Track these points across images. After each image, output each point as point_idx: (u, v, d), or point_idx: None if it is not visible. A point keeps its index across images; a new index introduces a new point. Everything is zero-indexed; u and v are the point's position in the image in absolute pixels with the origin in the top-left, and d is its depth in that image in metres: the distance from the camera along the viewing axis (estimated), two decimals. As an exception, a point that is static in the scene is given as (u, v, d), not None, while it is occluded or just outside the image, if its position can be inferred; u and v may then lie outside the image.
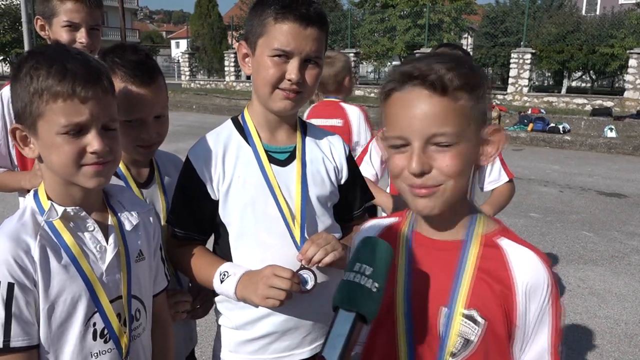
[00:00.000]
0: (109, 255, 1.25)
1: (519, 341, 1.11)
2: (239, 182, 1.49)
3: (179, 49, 51.11)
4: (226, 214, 1.50)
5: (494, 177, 2.73)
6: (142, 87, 1.52)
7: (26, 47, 19.39)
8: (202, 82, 25.78)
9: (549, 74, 31.39)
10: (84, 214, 1.23)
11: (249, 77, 1.49)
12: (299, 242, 1.47)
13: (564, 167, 10.11)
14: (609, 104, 15.74)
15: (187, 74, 26.52)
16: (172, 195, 1.61)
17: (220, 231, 1.56)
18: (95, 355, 1.23)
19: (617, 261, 5.31)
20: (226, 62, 24.14)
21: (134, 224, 1.34)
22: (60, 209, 1.20)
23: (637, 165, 10.50)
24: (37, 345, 1.16)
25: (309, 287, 1.42)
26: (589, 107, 15.79)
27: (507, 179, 2.72)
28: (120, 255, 1.28)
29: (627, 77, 15.93)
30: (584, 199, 7.72)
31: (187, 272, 1.57)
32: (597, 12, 30.76)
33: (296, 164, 1.52)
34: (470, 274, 1.10)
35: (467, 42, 31.76)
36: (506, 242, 1.13)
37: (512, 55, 17.76)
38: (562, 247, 5.68)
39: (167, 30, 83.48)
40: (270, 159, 1.51)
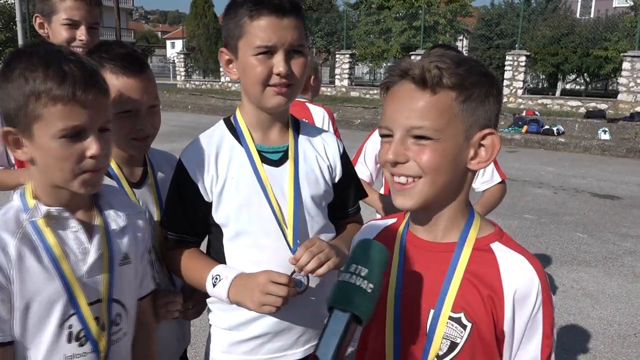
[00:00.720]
0: (91, 257, 1.22)
1: (507, 348, 1.11)
2: (232, 184, 1.48)
3: (175, 49, 50.96)
4: (220, 216, 1.49)
5: (487, 178, 2.73)
6: (132, 78, 1.51)
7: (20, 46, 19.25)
8: (197, 83, 25.73)
9: (544, 77, 31.50)
10: (67, 214, 1.20)
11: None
12: (291, 244, 1.46)
13: (558, 169, 10.16)
14: (603, 106, 15.82)
15: (183, 74, 26.46)
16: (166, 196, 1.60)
17: (214, 232, 1.55)
18: (69, 358, 1.20)
19: (611, 262, 5.34)
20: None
21: (121, 225, 1.30)
22: (43, 209, 1.17)
23: (630, 167, 10.56)
24: (12, 342, 1.14)
25: (302, 288, 1.42)
26: (583, 110, 15.87)
27: (500, 180, 2.73)
28: (103, 257, 1.25)
29: (621, 80, 16.02)
30: (578, 201, 7.76)
31: (180, 274, 1.56)
32: (592, 15, 30.96)
33: (289, 164, 1.51)
34: (459, 277, 1.10)
35: (462, 44, 31.85)
36: (499, 247, 1.13)
37: (507, 57, 17.82)
38: (555, 249, 5.70)
39: (163, 30, 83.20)
40: (263, 159, 1.50)
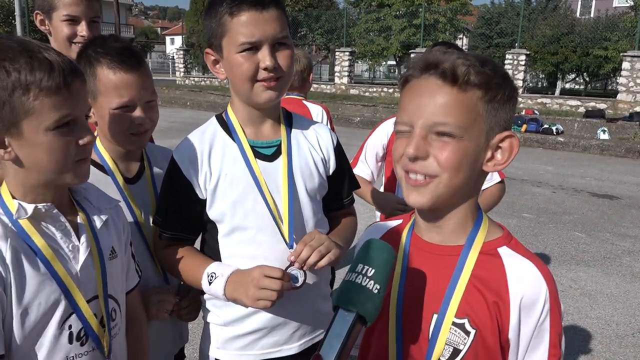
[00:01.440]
0: (82, 254, 1.20)
1: (512, 356, 1.08)
2: (226, 180, 1.47)
3: (174, 45, 50.92)
4: (214, 212, 1.49)
5: (487, 177, 2.71)
6: (129, 72, 1.50)
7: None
8: (196, 79, 25.69)
9: (543, 76, 31.52)
10: (55, 211, 1.16)
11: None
12: (286, 239, 1.46)
13: (557, 168, 10.16)
14: (602, 106, 15.83)
15: (182, 70, 26.41)
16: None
17: (208, 229, 1.54)
18: (71, 358, 1.18)
19: (609, 262, 5.35)
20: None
21: (104, 220, 1.28)
22: (30, 207, 1.12)
23: (629, 167, 10.57)
24: (3, 355, 1.09)
25: (299, 284, 1.41)
26: (582, 109, 15.88)
27: (500, 179, 2.71)
28: (93, 253, 1.23)
29: (620, 80, 16.02)
30: (577, 200, 7.76)
31: (174, 273, 1.55)
32: (592, 15, 30.95)
33: (282, 159, 1.50)
34: (465, 281, 1.08)
35: (462, 42, 31.83)
36: (507, 252, 1.10)
37: (507, 56, 17.82)
38: (554, 248, 5.71)
39: (162, 26, 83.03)
40: (256, 155, 1.49)
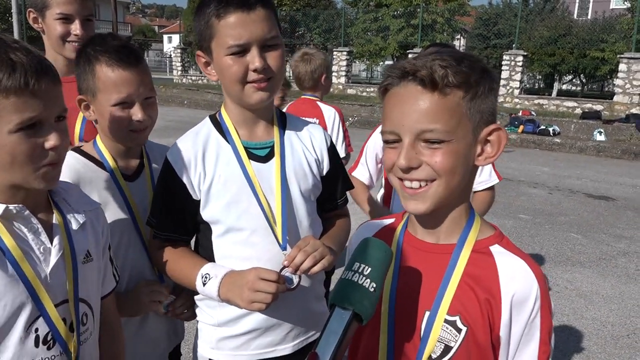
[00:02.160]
0: (54, 256, 1.16)
1: (503, 353, 1.09)
2: (220, 181, 1.47)
3: (172, 43, 50.81)
4: (208, 213, 1.48)
5: (484, 178, 2.65)
6: (128, 69, 1.51)
7: (16, 38, 19.13)
8: (194, 78, 25.64)
9: (540, 77, 31.58)
10: (27, 212, 1.13)
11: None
12: (280, 240, 1.46)
13: (554, 169, 10.19)
14: (599, 107, 15.88)
15: (179, 69, 26.36)
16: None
17: (202, 230, 1.54)
18: None
19: (605, 263, 5.36)
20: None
21: (81, 222, 1.25)
22: (1, 207, 1.10)
23: (625, 168, 10.60)
24: None
25: (293, 285, 1.41)
26: (579, 111, 15.92)
27: (497, 181, 2.68)
28: (65, 256, 1.19)
29: (617, 82, 16.07)
30: (573, 201, 7.78)
31: (169, 274, 1.55)
32: (589, 17, 31.03)
33: (275, 160, 1.50)
34: (457, 279, 1.08)
35: (459, 43, 31.87)
36: (499, 250, 1.11)
37: (504, 57, 17.85)
38: (550, 249, 5.72)
39: (160, 24, 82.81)
40: (250, 156, 1.49)
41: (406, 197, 1.07)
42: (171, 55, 32.96)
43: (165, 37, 64.80)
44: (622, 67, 15.73)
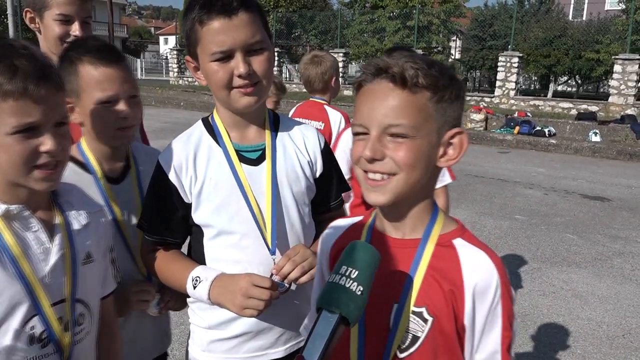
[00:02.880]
0: (54, 256, 1.18)
1: (469, 341, 1.13)
2: (210, 184, 1.47)
3: (168, 45, 50.70)
4: (199, 217, 1.48)
5: (439, 177, 2.64)
6: (111, 67, 1.52)
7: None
8: (190, 79, 25.59)
9: (536, 78, 31.67)
10: (27, 213, 1.16)
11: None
12: (269, 244, 1.46)
13: (549, 170, 10.22)
14: (594, 108, 15.95)
15: (176, 70, 26.34)
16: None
17: (194, 233, 1.54)
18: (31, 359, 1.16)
19: (600, 264, 5.38)
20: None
21: (83, 224, 1.27)
22: (2, 207, 1.13)
23: (620, 169, 10.65)
24: None
25: (284, 289, 1.42)
26: (574, 112, 15.99)
27: (450, 180, 2.61)
28: (65, 256, 1.21)
29: (612, 83, 16.15)
30: (569, 202, 7.81)
31: (161, 277, 1.55)
32: (584, 18, 31.15)
33: (266, 164, 1.50)
34: (422, 272, 1.13)
35: (455, 44, 31.98)
36: (461, 243, 1.16)
37: (500, 58, 17.91)
38: (546, 249, 5.74)
39: (156, 26, 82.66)
40: (241, 159, 1.48)
41: (368, 189, 1.13)
42: (167, 56, 32.92)
43: (161, 38, 64.68)
44: (617, 68, 15.81)
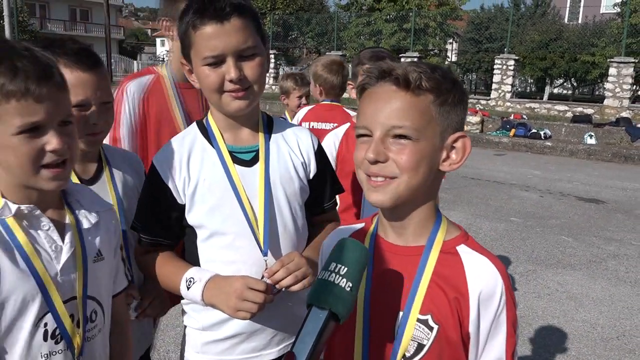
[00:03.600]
0: (65, 255, 1.21)
1: (473, 347, 1.13)
2: (204, 185, 1.47)
3: (164, 47, 50.64)
4: (193, 217, 1.49)
5: None
6: (86, 72, 1.52)
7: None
8: (186, 81, 25.53)
9: (532, 81, 31.83)
10: (38, 212, 1.18)
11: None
12: (261, 245, 1.46)
13: (545, 173, 10.26)
14: (590, 111, 16.03)
15: (172, 72, 26.27)
16: (127, 194, 1.63)
17: (188, 234, 1.54)
18: (45, 356, 1.19)
19: (595, 266, 5.41)
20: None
21: (93, 222, 1.29)
22: (14, 207, 1.15)
23: (615, 171, 10.70)
24: None
25: (276, 290, 1.42)
26: (569, 114, 16.06)
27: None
28: (76, 255, 1.23)
29: (607, 85, 16.25)
30: (564, 204, 7.84)
31: (154, 278, 1.55)
32: (579, 21, 31.30)
33: (259, 165, 1.51)
34: (427, 280, 1.12)
35: (452, 47, 32.07)
36: (465, 250, 1.15)
37: (496, 61, 17.99)
38: (541, 252, 5.76)
39: (152, 28, 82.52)
40: (235, 160, 1.49)
41: (370, 190, 1.13)
42: (164, 58, 32.90)
43: (158, 40, 64.56)
44: (612, 71, 15.91)
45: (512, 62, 17.61)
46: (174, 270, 1.49)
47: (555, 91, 30.13)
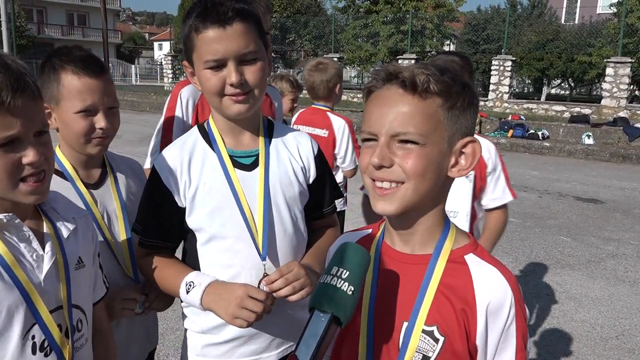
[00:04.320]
0: (47, 263, 1.17)
1: None
2: (204, 189, 1.48)
3: (162, 51, 50.65)
4: (193, 221, 1.50)
5: (497, 195, 2.49)
6: (93, 78, 1.54)
7: (5, 47, 19.01)
8: (184, 85, 25.55)
9: (529, 81, 31.88)
10: (17, 221, 1.13)
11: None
12: (260, 249, 1.47)
13: (543, 173, 10.28)
14: (587, 111, 16.07)
15: (170, 76, 26.32)
16: (130, 199, 1.63)
17: (188, 238, 1.55)
18: None
19: (594, 266, 5.42)
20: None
21: (71, 229, 1.26)
22: None
23: (613, 171, 10.72)
24: None
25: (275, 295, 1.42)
26: (567, 114, 16.10)
27: (510, 199, 2.50)
28: (58, 263, 1.20)
29: (604, 86, 16.28)
30: (562, 205, 7.85)
31: (154, 281, 1.56)
32: (576, 21, 31.37)
33: (259, 170, 1.51)
34: (433, 290, 1.09)
35: (449, 48, 32.06)
36: (473, 259, 1.12)
37: (493, 62, 18.03)
38: (540, 252, 5.77)
39: (150, 32, 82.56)
40: (235, 164, 1.50)
41: (376, 198, 1.09)
42: (162, 62, 32.90)
43: (155, 44, 64.58)
44: (609, 71, 15.95)
45: (509, 63, 17.65)
46: (174, 273, 1.50)
47: (552, 92, 30.16)
